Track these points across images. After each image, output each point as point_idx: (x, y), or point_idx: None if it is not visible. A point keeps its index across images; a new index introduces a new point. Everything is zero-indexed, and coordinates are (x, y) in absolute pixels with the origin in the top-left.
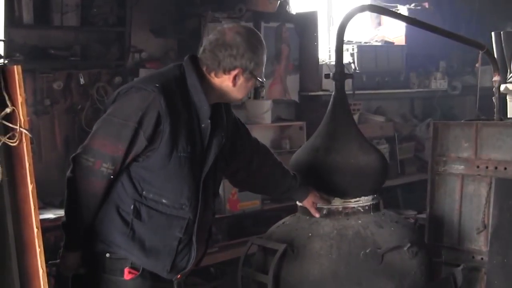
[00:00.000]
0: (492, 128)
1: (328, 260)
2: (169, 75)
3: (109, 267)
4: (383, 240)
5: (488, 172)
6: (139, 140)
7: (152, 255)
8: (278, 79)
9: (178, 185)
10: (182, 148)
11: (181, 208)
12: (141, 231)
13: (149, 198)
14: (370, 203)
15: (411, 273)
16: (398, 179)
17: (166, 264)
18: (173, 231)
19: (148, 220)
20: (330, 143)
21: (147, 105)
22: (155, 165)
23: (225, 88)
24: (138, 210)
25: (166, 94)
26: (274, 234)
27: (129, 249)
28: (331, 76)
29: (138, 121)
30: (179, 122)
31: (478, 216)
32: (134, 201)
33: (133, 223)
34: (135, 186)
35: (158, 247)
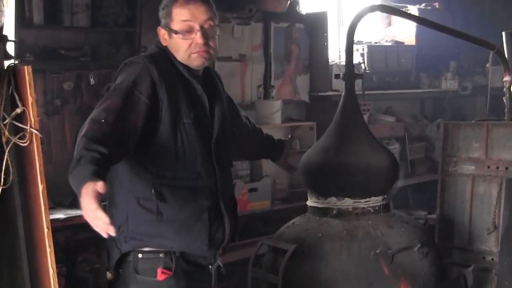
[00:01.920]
0: (503, 128)
1: (338, 261)
2: (155, 51)
3: (142, 268)
4: (393, 241)
5: (498, 173)
6: (135, 97)
7: (187, 233)
8: (288, 79)
9: (190, 154)
10: (185, 115)
11: (199, 177)
12: (169, 212)
13: (166, 177)
14: (380, 203)
15: (421, 273)
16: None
17: (203, 237)
18: (200, 202)
19: (173, 198)
20: (340, 143)
21: (139, 72)
22: (164, 140)
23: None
24: (160, 193)
25: (157, 64)
26: (284, 234)
27: (163, 234)
28: (341, 76)
29: (133, 81)
30: (175, 90)
31: (488, 216)
32: (153, 185)
33: (158, 207)
34: (150, 171)
35: (191, 222)
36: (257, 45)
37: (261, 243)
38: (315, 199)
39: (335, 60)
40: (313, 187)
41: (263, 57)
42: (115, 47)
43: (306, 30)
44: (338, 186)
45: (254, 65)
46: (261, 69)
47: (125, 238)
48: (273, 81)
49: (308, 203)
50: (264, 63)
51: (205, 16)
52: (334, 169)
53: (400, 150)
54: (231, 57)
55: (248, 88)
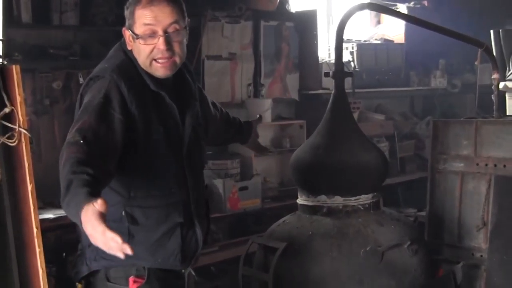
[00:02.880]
0: (492, 126)
1: (329, 259)
2: (121, 59)
3: (114, 275)
4: (383, 238)
5: (487, 170)
6: (108, 114)
7: (160, 252)
8: (278, 78)
9: (162, 171)
10: (155, 130)
11: (171, 193)
12: (141, 234)
13: (138, 197)
14: (370, 201)
15: (411, 270)
16: (398, 177)
17: (177, 253)
18: (172, 219)
19: (145, 220)
20: (330, 141)
21: (108, 87)
22: (136, 159)
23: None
24: (131, 215)
25: (125, 79)
26: (275, 232)
27: (134, 255)
28: (331, 75)
29: (103, 97)
30: (144, 105)
31: (478, 213)
32: (124, 207)
33: (130, 230)
34: (119, 193)
35: (163, 241)
36: (247, 44)
37: (251, 242)
38: (305, 197)
39: (325, 59)
40: (304, 185)
41: (253, 56)
42: (105, 46)
43: (296, 29)
44: (328, 184)
45: (244, 63)
46: (251, 67)
47: (95, 256)
48: (263, 80)
49: (299, 201)
50: (254, 62)
51: (170, 19)
52: (324, 167)
53: (390, 148)
54: (221, 55)
55: (238, 87)
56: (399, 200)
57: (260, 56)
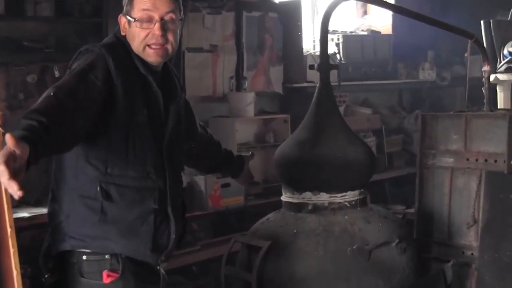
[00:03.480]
0: (482, 119)
1: (314, 257)
2: (112, 40)
3: (87, 270)
4: (370, 236)
5: (478, 165)
6: (89, 80)
7: (131, 235)
8: (261, 71)
9: (141, 152)
10: (139, 111)
11: (148, 177)
12: (114, 212)
13: (115, 175)
14: (357, 198)
15: (399, 269)
16: (386, 173)
17: (147, 241)
18: (147, 204)
19: (120, 198)
20: (316, 136)
21: (96, 58)
22: (115, 134)
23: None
24: (107, 191)
25: (114, 55)
26: (258, 231)
27: (105, 236)
28: (316, 67)
29: (89, 64)
30: (130, 84)
31: (468, 210)
32: (100, 182)
33: (103, 206)
34: (96, 167)
35: (136, 225)
36: (229, 35)
37: (234, 240)
38: (290, 194)
39: (309, 50)
40: (288, 182)
41: (235, 48)
42: (81, 38)
43: (279, 20)
44: (313, 180)
45: (226, 56)
46: (233, 60)
47: (64, 236)
48: (245, 73)
49: (283, 198)
50: (236, 54)
51: (167, 8)
52: (309, 163)
53: (377, 142)
54: (202, 47)
55: (219, 80)
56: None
57: (242, 48)
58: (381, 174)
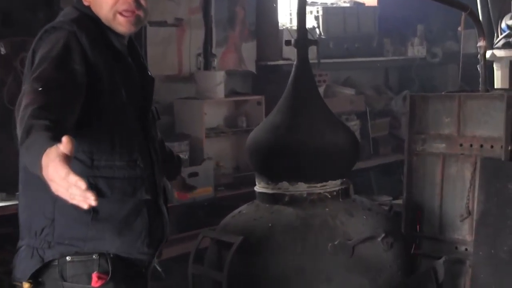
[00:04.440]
0: (477, 101)
1: (291, 254)
2: (77, 14)
3: (72, 273)
4: (354, 230)
5: (472, 151)
6: (69, 64)
7: (127, 232)
8: (232, 47)
9: (127, 138)
10: (119, 91)
11: (136, 165)
12: (106, 209)
13: (102, 166)
14: (338, 188)
15: (386, 267)
16: (371, 160)
17: (144, 236)
18: (139, 195)
19: (111, 192)
20: (293, 120)
21: (67, 38)
22: (99, 121)
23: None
24: (96, 186)
25: (86, 31)
26: (229, 225)
27: (99, 236)
28: (293, 43)
29: (63, 46)
30: (107, 62)
31: (461, 201)
32: (87, 178)
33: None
34: (81, 160)
35: (130, 220)
36: (196, 8)
37: (202, 236)
38: (264, 184)
39: (285, 25)
40: (262, 171)
41: (202, 22)
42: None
43: None
44: (290, 169)
45: (193, 30)
46: (200, 35)
47: (49, 243)
48: (214, 49)
49: (257, 189)
50: (204, 29)
51: None
52: (285, 149)
53: (361, 127)
54: (166, 21)
55: (186, 57)
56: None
57: (211, 22)
58: (366, 161)
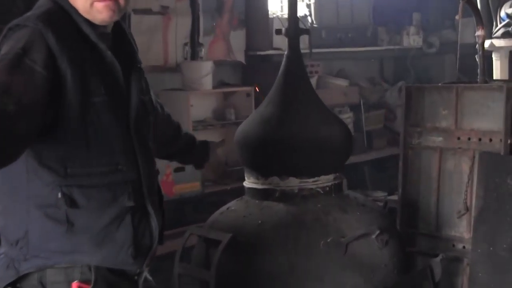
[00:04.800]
0: (475, 92)
1: (282, 252)
2: (48, 7)
3: (52, 280)
4: (347, 227)
5: (470, 145)
6: (26, 67)
7: (107, 244)
8: (220, 36)
9: (105, 141)
10: (95, 91)
11: (117, 169)
12: (83, 220)
13: (77, 174)
14: (331, 183)
15: (381, 265)
16: (365, 154)
17: (128, 247)
18: (121, 202)
19: (87, 202)
20: (283, 112)
21: (30, 37)
22: (71, 126)
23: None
24: (70, 196)
25: (54, 28)
26: (218, 222)
27: (77, 249)
28: (284, 32)
29: (22, 47)
30: (79, 59)
31: (459, 197)
32: (60, 187)
33: (68, 215)
34: (53, 169)
35: (111, 230)
36: None
37: (189, 233)
38: (254, 179)
39: (276, 13)
40: (252, 165)
41: (189, 9)
42: None
43: None
44: (281, 163)
45: (179, 18)
46: (187, 23)
47: (24, 256)
48: (202, 38)
49: (246, 185)
50: (191, 17)
51: None
52: (276, 143)
53: (355, 119)
54: (151, 9)
55: (172, 47)
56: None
57: (198, 9)
58: (360, 155)
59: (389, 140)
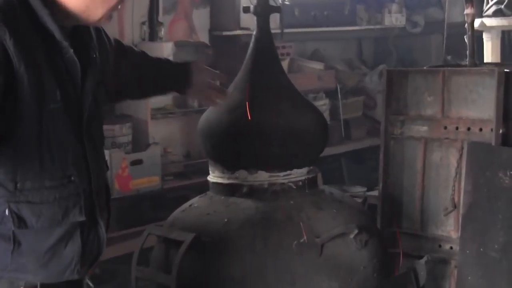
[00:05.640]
0: (464, 77)
1: (250, 254)
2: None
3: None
4: (322, 226)
5: (458, 135)
6: None
7: (53, 263)
8: (182, 14)
9: (59, 152)
10: (51, 96)
11: (69, 181)
12: (31, 240)
13: (26, 189)
14: (305, 177)
15: (359, 268)
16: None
17: (75, 263)
18: (71, 218)
19: (37, 221)
20: (252, 99)
21: None
22: (23, 136)
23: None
24: (18, 214)
25: (11, 25)
26: (179, 220)
27: (21, 268)
28: (252, 10)
29: None
30: (36, 60)
31: (446, 192)
32: (8, 204)
33: (15, 235)
34: (2, 183)
35: (58, 249)
36: None
37: (148, 233)
38: (219, 173)
39: None
40: (217, 158)
41: None
42: None
43: None
44: (249, 155)
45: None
46: (145, 0)
47: None
48: (161, 17)
49: (210, 179)
50: None
51: None
52: (243, 133)
53: (331, 107)
54: None
55: (128, 26)
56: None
57: None
58: (336, 147)
59: (369, 130)
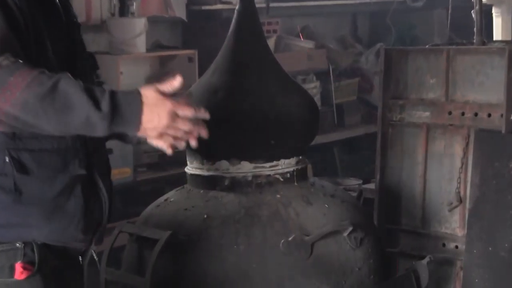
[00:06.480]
0: (471, 56)
1: (233, 254)
2: None
3: None
4: (313, 223)
5: (464, 121)
6: (13, 11)
7: (57, 216)
8: None
9: None
10: (50, 44)
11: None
12: (32, 188)
13: (25, 137)
14: (293, 168)
15: (354, 269)
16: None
17: (78, 220)
18: (71, 170)
19: (38, 168)
20: (234, 81)
21: None
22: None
23: None
24: (18, 160)
25: None
26: (153, 217)
27: (24, 222)
28: None
29: None
30: (31, 7)
31: (450, 185)
32: (8, 150)
33: (16, 183)
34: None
35: (61, 201)
36: None
37: (119, 231)
38: (197, 164)
39: None
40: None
41: None
42: None
43: None
44: (231, 144)
45: None
46: None
47: None
48: None
49: (188, 170)
50: None
51: None
52: (225, 119)
53: (323, 90)
54: None
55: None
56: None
57: None
58: (328, 135)
59: (364, 116)
